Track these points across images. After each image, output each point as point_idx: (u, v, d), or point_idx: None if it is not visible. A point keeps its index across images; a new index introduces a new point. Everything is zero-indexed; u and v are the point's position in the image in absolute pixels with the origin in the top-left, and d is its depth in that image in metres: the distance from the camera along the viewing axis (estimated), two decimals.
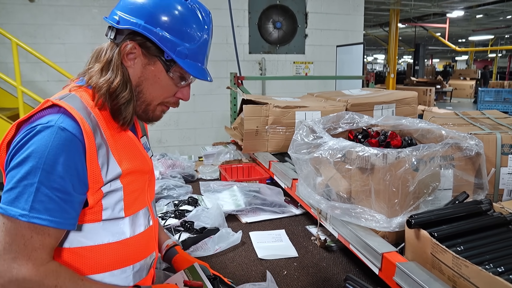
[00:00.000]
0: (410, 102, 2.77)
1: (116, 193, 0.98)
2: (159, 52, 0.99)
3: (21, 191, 0.84)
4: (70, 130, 0.88)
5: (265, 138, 2.44)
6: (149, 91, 1.03)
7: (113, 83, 0.96)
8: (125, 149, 1.01)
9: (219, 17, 5.39)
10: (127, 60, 0.99)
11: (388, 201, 1.23)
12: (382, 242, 1.22)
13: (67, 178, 0.86)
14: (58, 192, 0.86)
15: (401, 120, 1.68)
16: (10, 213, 0.83)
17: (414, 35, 18.23)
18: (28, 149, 0.85)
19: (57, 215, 0.86)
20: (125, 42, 0.98)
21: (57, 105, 0.90)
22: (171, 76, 1.03)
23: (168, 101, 1.08)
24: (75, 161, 0.88)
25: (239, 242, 1.68)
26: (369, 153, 1.23)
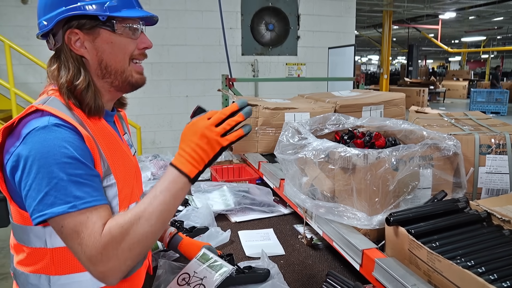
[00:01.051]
0: (398, 103, 2.82)
1: (112, 188, 1.02)
2: (95, 21, 1.01)
3: (55, 191, 0.87)
4: (64, 123, 0.92)
5: (255, 139, 2.48)
6: (113, 59, 1.05)
7: (68, 77, 1.00)
8: (109, 146, 1.05)
9: (211, 19, 5.44)
10: (78, 48, 1.02)
11: (369, 200, 1.27)
12: (363, 239, 1.26)
13: (82, 161, 0.91)
14: (86, 176, 0.91)
15: (385, 121, 1.73)
16: (56, 212, 0.86)
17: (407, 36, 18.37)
18: (37, 155, 0.88)
19: (96, 194, 0.91)
20: (65, 34, 1.01)
21: (41, 109, 0.94)
22: (120, 33, 1.04)
23: (135, 57, 1.08)
24: (81, 146, 0.92)
25: (228, 240, 1.71)
26: (350, 154, 1.28)
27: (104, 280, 0.91)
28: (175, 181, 0.95)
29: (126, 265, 0.91)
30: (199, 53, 5.68)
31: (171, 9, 5.47)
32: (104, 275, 0.90)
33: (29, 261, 1.01)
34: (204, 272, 1.28)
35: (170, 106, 5.67)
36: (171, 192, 0.94)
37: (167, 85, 5.65)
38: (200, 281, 1.25)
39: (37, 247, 0.98)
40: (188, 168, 0.95)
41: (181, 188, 0.95)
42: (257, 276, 1.35)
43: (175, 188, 0.94)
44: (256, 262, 1.46)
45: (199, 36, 5.63)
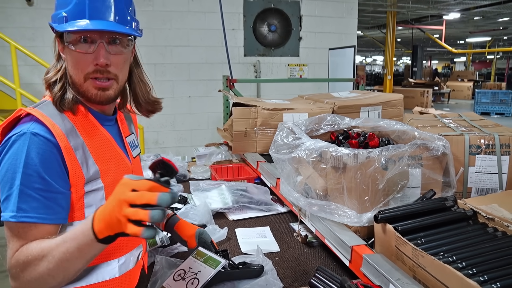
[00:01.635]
0: (396, 104, 2.85)
1: (98, 192, 1.05)
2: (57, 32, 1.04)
3: (10, 197, 0.92)
4: (42, 134, 0.95)
5: (254, 139, 2.53)
6: (71, 71, 1.04)
7: (52, 79, 1.05)
8: (101, 149, 1.08)
9: (214, 21, 5.49)
10: (62, 54, 1.06)
11: (359, 198, 1.31)
12: (353, 236, 1.30)
13: (47, 177, 0.94)
14: (40, 191, 0.93)
15: (379, 122, 1.77)
16: (4, 217, 0.92)
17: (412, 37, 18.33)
18: (8, 159, 0.93)
19: (42, 212, 0.93)
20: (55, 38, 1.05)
21: (31, 115, 0.98)
22: (71, 48, 1.00)
23: (88, 73, 1.02)
24: (51, 160, 0.95)
25: (225, 237, 1.76)
26: (341, 153, 1.32)
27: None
28: (84, 233, 0.87)
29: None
30: (202, 54, 5.73)
31: (174, 11, 5.52)
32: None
33: None
34: (198, 267, 1.32)
35: (173, 106, 5.72)
36: (77, 243, 0.87)
37: (170, 85, 5.71)
38: (195, 275, 1.29)
39: None
40: (98, 226, 0.84)
41: (87, 243, 0.86)
42: (251, 272, 1.39)
43: (82, 241, 0.87)
44: (251, 258, 1.51)
45: (202, 37, 5.68)
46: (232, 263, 1.41)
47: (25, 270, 0.91)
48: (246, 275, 1.39)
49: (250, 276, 1.38)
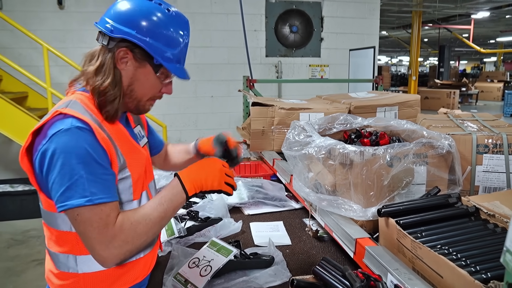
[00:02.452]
0: (413, 105, 2.87)
1: (127, 180, 1.17)
2: (148, 57, 1.15)
3: (74, 187, 1.02)
4: (85, 127, 1.06)
5: (271, 138, 2.61)
6: (140, 89, 1.20)
7: (104, 83, 1.14)
8: (122, 142, 1.20)
9: (236, 22, 5.58)
10: (120, 63, 1.16)
11: (365, 193, 1.37)
12: (358, 229, 1.36)
13: (101, 162, 1.06)
14: (101, 175, 1.06)
15: (390, 121, 1.82)
16: (76, 204, 1.02)
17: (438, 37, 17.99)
18: (61, 154, 1.03)
19: (107, 192, 1.07)
20: (119, 49, 1.14)
21: (64, 113, 1.08)
22: (158, 76, 1.20)
23: (155, 96, 1.25)
24: (99, 149, 1.07)
25: (239, 231, 1.84)
26: (348, 150, 1.38)
27: (103, 264, 1.08)
28: (178, 194, 1.18)
29: (125, 255, 1.10)
30: (224, 55, 5.85)
31: (197, 12, 5.66)
32: (105, 260, 1.07)
33: (58, 242, 1.17)
34: (212, 255, 1.42)
35: (196, 106, 5.85)
36: (173, 204, 1.17)
37: (193, 85, 5.84)
38: (208, 263, 1.39)
39: (64, 231, 1.14)
40: (190, 187, 1.19)
41: (181, 202, 1.18)
42: (261, 262, 1.47)
43: (176, 202, 1.17)
44: (263, 250, 1.59)
45: (224, 38, 5.80)
46: (244, 254, 1.50)
47: (131, 234, 1.09)
48: (257, 265, 1.47)
49: (261, 266, 1.46)
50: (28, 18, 5.25)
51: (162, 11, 1.16)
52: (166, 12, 1.17)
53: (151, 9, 1.16)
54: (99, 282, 1.18)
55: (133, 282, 1.25)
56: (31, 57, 5.30)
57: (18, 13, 5.18)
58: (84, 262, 1.16)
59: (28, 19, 5.24)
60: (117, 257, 1.08)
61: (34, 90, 5.32)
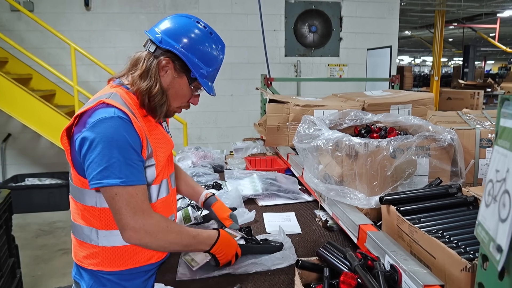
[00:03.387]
0: (427, 103, 2.91)
1: (152, 168, 1.31)
2: (186, 70, 1.31)
3: (111, 168, 1.17)
4: (125, 117, 1.21)
5: (286, 134, 2.70)
6: (173, 97, 1.36)
7: (153, 89, 1.28)
8: (154, 135, 1.34)
9: (256, 22, 5.66)
10: (161, 71, 1.31)
11: (369, 183, 1.45)
12: (362, 217, 1.45)
13: (135, 149, 1.21)
14: (134, 161, 1.21)
15: (398, 117, 1.89)
16: (111, 183, 1.16)
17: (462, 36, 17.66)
18: (103, 138, 1.17)
19: (140, 176, 1.22)
20: (163, 57, 1.29)
21: (107, 103, 1.22)
22: (191, 88, 1.37)
23: (183, 106, 1.41)
24: (135, 136, 1.21)
25: (253, 219, 1.94)
26: (353, 142, 1.47)
27: (127, 240, 1.23)
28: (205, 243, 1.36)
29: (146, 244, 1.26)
30: (244, 54, 5.96)
31: (218, 13, 5.79)
32: (130, 237, 1.22)
33: (83, 216, 1.32)
34: None
35: (216, 104, 5.99)
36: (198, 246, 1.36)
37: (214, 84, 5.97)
38: None
39: (89, 206, 1.29)
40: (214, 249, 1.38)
41: (200, 249, 1.38)
42: (271, 247, 1.57)
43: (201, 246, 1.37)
44: (274, 237, 1.68)
45: (244, 38, 5.91)
46: (254, 239, 1.60)
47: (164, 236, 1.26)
48: (266, 250, 1.56)
49: (270, 251, 1.55)
50: (57, 19, 5.49)
51: (205, 34, 1.33)
52: (209, 35, 1.34)
53: (196, 30, 1.32)
54: (117, 257, 1.31)
55: (147, 261, 1.38)
56: (59, 56, 5.53)
57: (48, 15, 5.41)
58: (105, 237, 1.30)
59: (57, 20, 5.47)
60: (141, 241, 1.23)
61: (62, 88, 5.55)
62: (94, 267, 1.33)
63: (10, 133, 5.68)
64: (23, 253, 3.88)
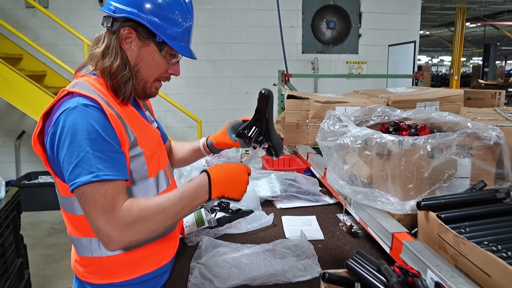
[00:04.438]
0: (455, 100, 2.73)
1: (139, 158, 1.16)
2: (151, 35, 1.15)
3: (82, 163, 1.01)
4: (92, 104, 1.06)
5: (305, 132, 2.55)
6: (145, 69, 1.19)
7: (114, 65, 1.13)
8: (132, 120, 1.19)
9: (273, 18, 5.56)
10: (125, 43, 1.16)
11: (403, 186, 1.30)
12: (395, 223, 1.29)
13: (109, 139, 1.05)
14: (108, 153, 1.04)
15: (431, 113, 1.72)
16: (82, 180, 1.00)
17: (483, 35, 17.22)
18: (68, 131, 1.02)
19: (114, 169, 1.04)
20: (122, 28, 1.14)
21: (71, 92, 1.08)
22: (163, 55, 1.19)
23: (161, 77, 1.24)
24: (107, 125, 1.06)
25: (271, 223, 1.80)
26: (386, 140, 1.31)
27: (108, 245, 1.05)
28: (200, 196, 1.14)
29: (130, 241, 1.05)
30: (260, 51, 5.82)
31: (234, 9, 5.66)
32: (109, 240, 1.03)
33: (78, 227, 1.17)
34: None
35: (231, 102, 5.86)
36: (193, 203, 1.13)
37: (229, 81, 5.85)
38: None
39: (81, 215, 1.12)
40: (215, 192, 1.15)
41: (200, 203, 1.15)
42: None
43: (197, 202, 1.14)
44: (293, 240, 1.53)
45: (260, 34, 5.77)
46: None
47: (138, 222, 1.04)
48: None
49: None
50: (71, 15, 5.43)
51: None
52: None
53: None
54: (125, 265, 1.17)
55: (158, 265, 1.25)
56: (73, 53, 5.47)
57: (62, 11, 5.36)
58: None
59: (71, 16, 5.42)
60: (122, 240, 1.04)
61: None
62: (102, 280, 1.19)
63: (24, 131, 5.65)
64: (33, 252, 3.82)
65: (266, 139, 1.35)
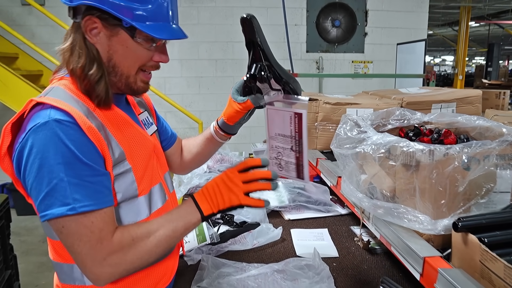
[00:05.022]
0: (473, 101, 2.57)
1: (127, 175, 0.98)
2: (118, 21, 0.95)
3: (54, 192, 0.85)
4: (65, 119, 0.87)
5: (314, 135, 2.38)
6: (122, 62, 0.99)
7: (79, 64, 0.95)
8: (121, 129, 1.01)
9: (276, 16, 5.40)
10: (92, 36, 0.96)
11: (434, 202, 1.13)
12: (426, 245, 1.12)
13: (87, 161, 0.88)
14: (86, 177, 0.87)
15: (457, 117, 1.56)
16: (55, 213, 0.84)
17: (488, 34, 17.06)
18: (38, 154, 0.85)
19: (96, 197, 0.88)
20: (83, 18, 0.95)
21: (41, 103, 0.90)
22: (138, 41, 0.97)
23: (145, 67, 1.03)
24: (84, 143, 0.88)
25: (279, 238, 1.64)
26: (414, 149, 1.15)
27: (95, 282, 0.91)
28: (191, 213, 0.99)
29: (121, 274, 0.92)
30: None
31: (236, 6, 5.50)
32: (98, 277, 0.89)
33: (59, 252, 1.01)
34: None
35: None
36: (184, 223, 0.98)
37: (231, 81, 5.69)
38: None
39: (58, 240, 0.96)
40: (205, 206, 0.99)
41: (194, 222, 0.99)
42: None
43: (189, 220, 0.99)
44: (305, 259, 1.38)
45: (264, 32, 5.60)
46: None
47: (130, 252, 0.91)
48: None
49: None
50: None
51: None
52: None
53: None
54: None
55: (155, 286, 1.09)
56: None
57: (59, 9, 5.19)
58: None
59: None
60: (112, 276, 0.90)
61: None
62: None
63: None
64: (27, 259, 3.67)
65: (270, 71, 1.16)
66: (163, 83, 5.59)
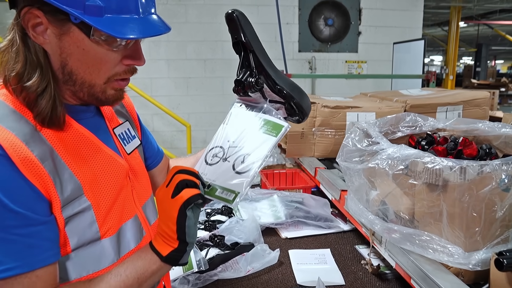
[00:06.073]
0: (481, 104, 2.41)
1: (84, 215, 0.76)
2: (65, 14, 0.71)
3: None
4: None
5: (311, 142, 2.20)
6: (81, 68, 0.75)
7: (14, 70, 0.72)
8: (79, 153, 0.79)
9: (267, 14, 5.22)
10: (37, 34, 0.73)
11: (466, 229, 0.95)
12: (456, 282, 0.94)
13: (17, 207, 0.66)
14: (13, 229, 0.66)
15: (477, 124, 1.38)
16: None
17: (477, 34, 17.12)
18: None
19: (25, 255, 0.67)
20: (22, 11, 0.71)
21: None
22: (98, 41, 0.74)
23: (115, 74, 0.78)
24: (14, 183, 0.67)
25: (276, 262, 1.45)
26: (441, 166, 0.96)
27: None
28: (144, 257, 0.78)
29: None
30: None
31: (226, 4, 5.29)
32: None
33: None
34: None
35: (223, 104, 5.49)
36: (136, 270, 0.77)
37: (220, 82, 5.50)
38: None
39: None
40: (159, 243, 0.78)
41: (149, 267, 0.78)
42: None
43: (142, 266, 0.78)
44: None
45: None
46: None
47: None
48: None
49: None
50: None
51: None
52: None
53: None
54: None
55: None
56: None
57: None
58: None
59: None
60: None
61: None
62: None
63: None
64: None
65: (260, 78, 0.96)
66: (149, 84, 5.37)
